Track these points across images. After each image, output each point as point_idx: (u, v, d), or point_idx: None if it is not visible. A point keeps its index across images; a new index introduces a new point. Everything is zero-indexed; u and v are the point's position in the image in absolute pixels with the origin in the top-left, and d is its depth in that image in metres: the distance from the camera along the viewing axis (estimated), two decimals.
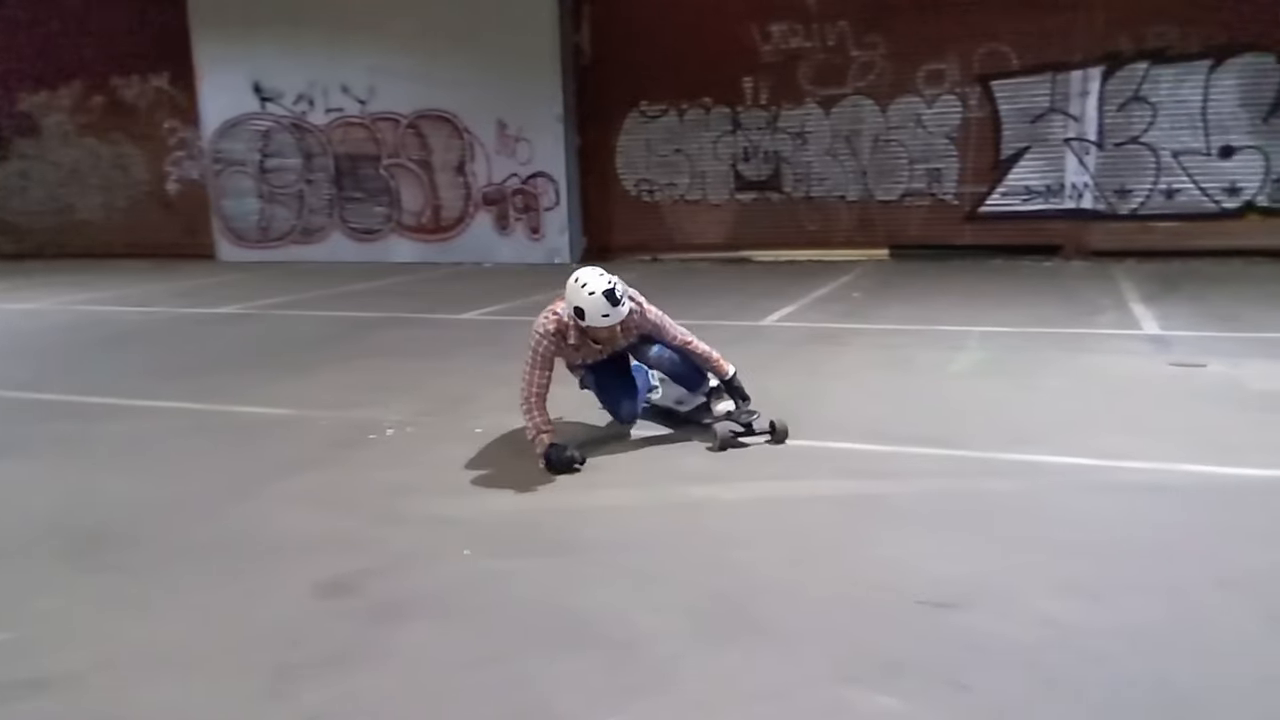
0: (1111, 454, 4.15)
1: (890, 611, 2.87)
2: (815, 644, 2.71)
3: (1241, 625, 2.70)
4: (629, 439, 4.70)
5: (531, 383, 4.27)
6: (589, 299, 4.10)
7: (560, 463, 4.16)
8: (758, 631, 2.80)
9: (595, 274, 4.16)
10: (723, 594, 3.02)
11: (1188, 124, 10.72)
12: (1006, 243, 11.37)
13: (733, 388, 4.55)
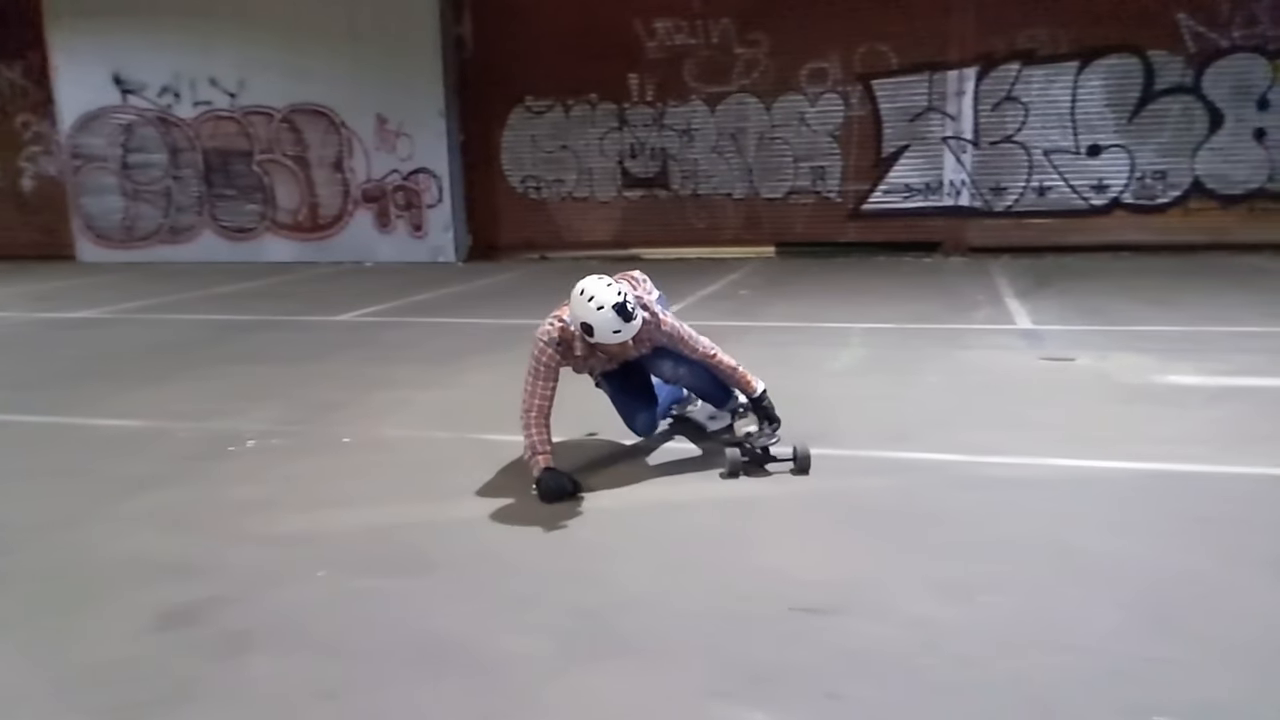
0: (985, 449, 4.18)
1: (763, 620, 2.78)
2: (685, 658, 2.60)
3: (1101, 618, 2.70)
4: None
5: (533, 395, 3.86)
6: (597, 315, 3.63)
7: (552, 491, 3.72)
8: (626, 648, 2.67)
9: (602, 285, 3.65)
10: (591, 609, 2.89)
11: (1058, 123, 11.12)
12: (889, 240, 11.60)
13: (760, 407, 4.08)
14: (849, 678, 2.46)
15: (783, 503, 3.70)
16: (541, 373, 3.88)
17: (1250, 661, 2.46)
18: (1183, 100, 10.75)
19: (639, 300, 3.83)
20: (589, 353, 3.89)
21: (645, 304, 3.87)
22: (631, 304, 3.67)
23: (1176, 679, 2.40)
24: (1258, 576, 2.92)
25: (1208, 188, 10.86)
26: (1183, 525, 3.32)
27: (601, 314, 3.62)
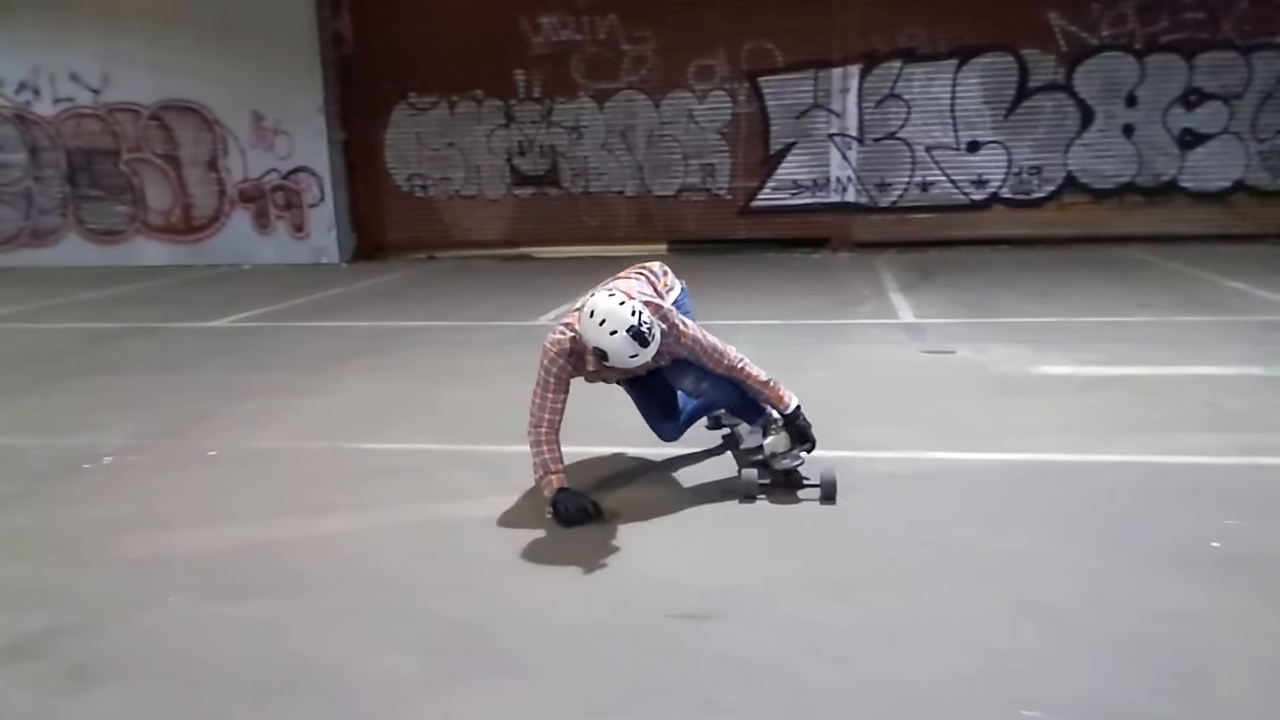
0: (869, 445, 4.19)
1: (642, 629, 2.71)
2: (561, 673, 2.50)
3: (979, 614, 2.71)
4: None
5: (543, 409, 3.53)
6: (611, 340, 3.26)
7: (572, 515, 3.41)
8: (499, 665, 2.55)
9: (614, 304, 3.26)
10: (462, 625, 2.76)
11: (938, 120, 11.38)
12: (779, 236, 11.70)
13: (793, 425, 3.68)
14: (728, 685, 2.40)
15: (661, 504, 3.62)
16: (552, 385, 3.53)
17: (1124, 652, 2.48)
18: (1055, 97, 11.14)
19: (657, 311, 3.41)
20: (602, 366, 3.48)
21: (664, 314, 3.45)
22: (648, 325, 3.27)
23: (1051, 672, 2.41)
24: (1131, 566, 2.97)
25: (1081, 182, 11.28)
26: (1057, 516, 3.37)
27: (615, 339, 3.25)
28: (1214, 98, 10.82)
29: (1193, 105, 10.89)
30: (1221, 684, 2.31)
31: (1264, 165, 10.91)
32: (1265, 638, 2.52)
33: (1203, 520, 3.24)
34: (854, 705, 2.31)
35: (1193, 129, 10.93)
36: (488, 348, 6.62)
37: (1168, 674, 2.37)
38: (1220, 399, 4.67)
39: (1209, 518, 3.26)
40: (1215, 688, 2.30)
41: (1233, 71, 10.73)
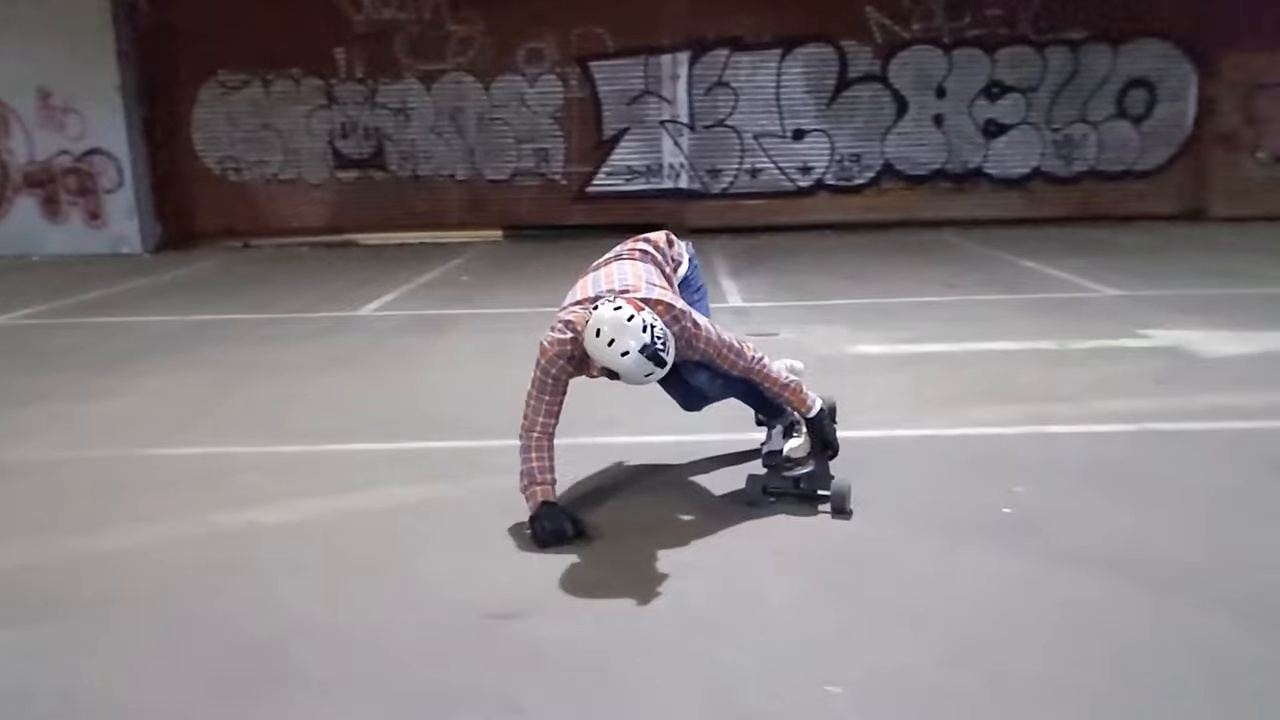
0: (684, 429, 4.15)
1: (451, 632, 2.58)
2: (362, 686, 2.34)
3: (784, 593, 2.73)
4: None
5: (536, 412, 3.19)
6: (623, 363, 2.91)
7: (550, 535, 3.08)
8: (295, 681, 2.37)
9: (622, 320, 2.89)
10: (253, 643, 2.55)
11: (765, 108, 11.64)
12: (614, 222, 11.61)
13: (815, 429, 3.38)
14: (537, 686, 2.31)
15: (476, 502, 3.49)
16: (550, 386, 3.17)
17: (920, 622, 2.54)
18: (872, 88, 11.58)
19: (668, 312, 3.05)
20: (614, 376, 3.08)
21: (676, 314, 3.08)
22: (663, 341, 2.92)
23: (853, 647, 2.43)
24: (929, 536, 3.06)
25: (897, 169, 11.79)
26: (865, 492, 3.43)
27: (628, 361, 2.91)
28: (1013, 90, 11.52)
29: (995, 97, 11.55)
30: (1013, 650, 2.39)
31: (1058, 153, 11.69)
32: (1053, 601, 2.63)
33: (995, 488, 3.38)
34: (665, 693, 2.27)
35: (995, 119, 11.61)
36: (302, 341, 6.27)
37: (962, 642, 2.44)
38: (1015, 372, 4.94)
39: (1001, 486, 3.40)
40: (1007, 654, 2.38)
41: (1029, 65, 11.44)
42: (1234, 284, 7.37)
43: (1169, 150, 11.65)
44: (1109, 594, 2.67)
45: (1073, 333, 5.74)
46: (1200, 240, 9.95)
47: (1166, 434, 3.97)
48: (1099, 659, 2.35)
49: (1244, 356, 5.13)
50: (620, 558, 2.99)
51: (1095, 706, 2.16)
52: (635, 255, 3.42)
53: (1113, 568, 2.81)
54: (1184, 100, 11.53)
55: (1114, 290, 7.19)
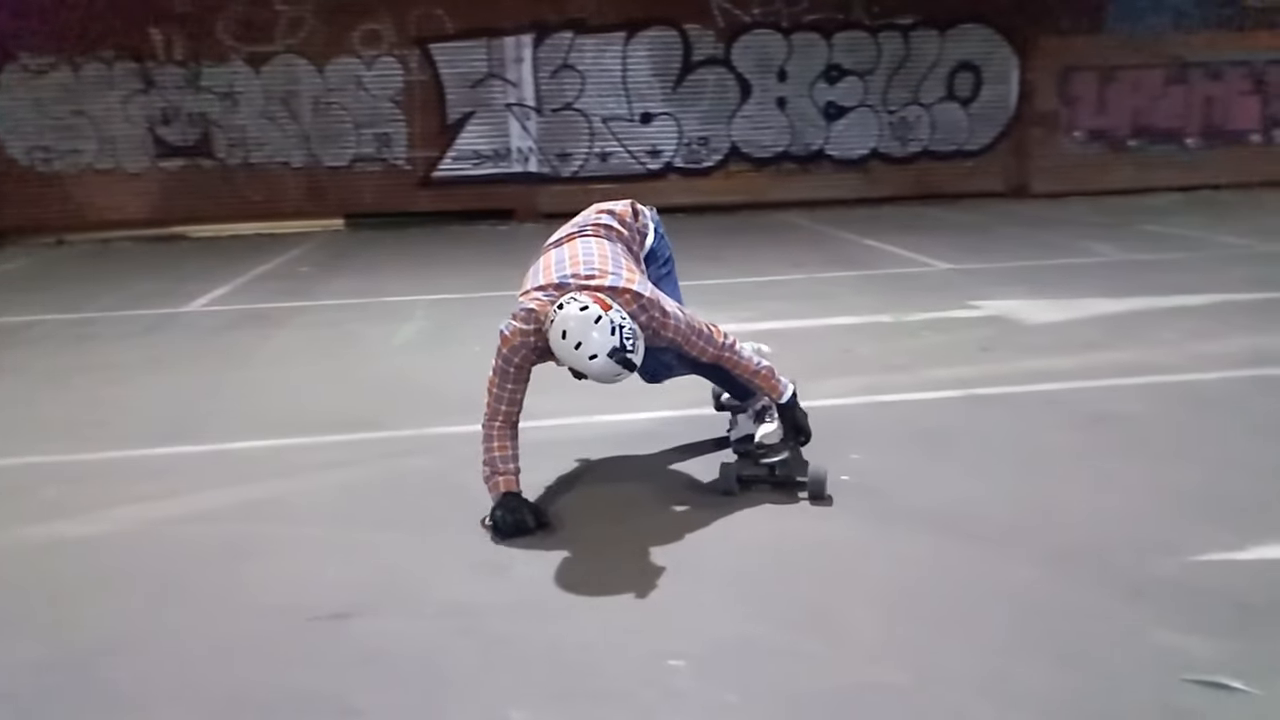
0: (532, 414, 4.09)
1: (279, 638, 2.43)
2: (182, 703, 2.17)
3: (629, 571, 2.70)
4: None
5: (499, 399, 3.04)
6: (590, 365, 2.78)
7: (510, 527, 2.94)
8: (108, 706, 2.17)
9: (588, 321, 2.74)
10: (58, 665, 2.33)
11: (612, 92, 11.61)
12: (463, 208, 11.44)
13: (789, 413, 3.25)
14: (370, 686, 2.20)
15: (308, 500, 3.33)
16: (512, 374, 3.02)
17: (760, 593, 2.56)
18: (717, 71, 11.72)
19: (635, 301, 2.91)
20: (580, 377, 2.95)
21: (644, 303, 2.93)
22: (632, 342, 2.78)
23: (693, 620, 2.43)
24: (773, 511, 3.09)
25: (743, 152, 11.99)
26: (700, 469, 3.45)
27: (596, 364, 2.77)
28: (851, 73, 11.87)
29: (833, 80, 11.88)
30: (852, 610, 2.44)
31: (894, 135, 12.14)
32: (889, 560, 2.70)
33: (834, 457, 3.44)
34: (501, 681, 2.20)
35: (835, 102, 11.95)
36: (120, 341, 5.84)
37: (803, 606, 2.46)
38: (854, 345, 5.09)
39: (841, 454, 3.47)
40: (846, 614, 2.42)
41: (864, 50, 11.82)
42: (1052, 256, 7.83)
43: (995, 131, 12.28)
44: (938, 550, 2.76)
45: (908, 306, 5.95)
46: (1024, 216, 10.53)
47: (990, 397, 4.15)
48: (929, 613, 2.42)
49: (1060, 323, 5.44)
50: (444, 548, 2.89)
51: (926, 658, 2.22)
52: (600, 232, 3.22)
53: (942, 526, 2.91)
54: (1007, 83, 12.17)
55: (946, 264, 7.51)
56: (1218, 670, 2.11)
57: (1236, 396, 4.07)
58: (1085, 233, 8.98)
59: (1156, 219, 9.78)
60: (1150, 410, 3.93)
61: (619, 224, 3.28)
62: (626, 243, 3.24)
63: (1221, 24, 12.31)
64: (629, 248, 3.24)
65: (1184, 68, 12.41)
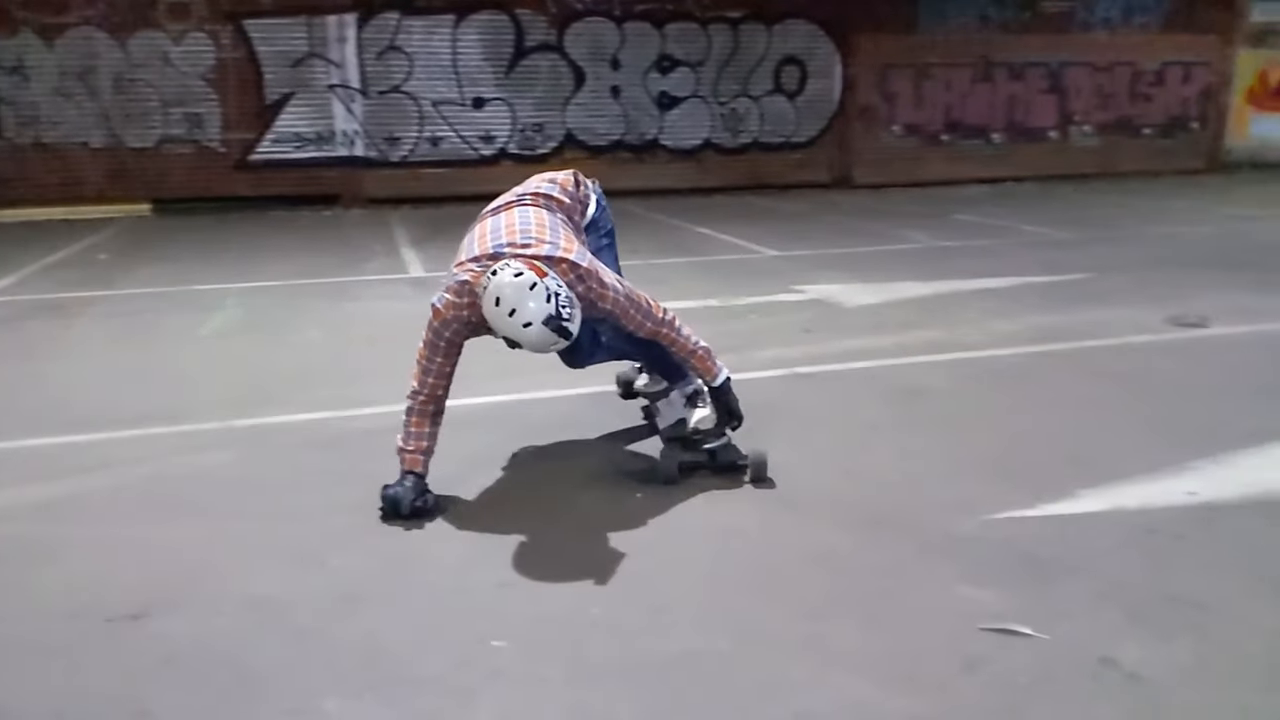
0: (355, 403, 3.96)
1: (73, 641, 2.25)
2: None
3: (450, 554, 2.64)
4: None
5: (426, 372, 2.93)
6: (525, 334, 2.64)
7: (387, 505, 2.86)
8: None
9: (523, 289, 2.61)
10: None
11: (442, 75, 11.33)
12: (285, 192, 10.91)
13: (723, 397, 3.13)
14: (166, 689, 2.06)
15: (105, 498, 3.09)
16: (442, 348, 2.90)
17: (586, 568, 2.55)
18: (550, 58, 11.64)
19: (572, 272, 2.80)
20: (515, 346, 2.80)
21: (581, 273, 2.83)
22: (568, 310, 2.67)
23: (519, 602, 2.39)
24: (600, 490, 3.10)
25: (579, 139, 11.96)
26: (535, 454, 3.41)
27: (530, 333, 2.64)
28: (683, 64, 12.05)
29: (666, 70, 12.02)
30: (675, 582, 2.46)
31: (726, 126, 12.41)
32: (713, 533, 2.74)
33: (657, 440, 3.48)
34: (312, 674, 2.10)
35: (668, 92, 12.09)
36: None
37: (626, 582, 2.47)
38: None
39: None
40: (669, 585, 2.44)
41: (695, 41, 12.02)
42: (871, 243, 8.21)
43: (820, 123, 12.74)
44: (760, 520, 2.83)
45: (736, 290, 6.09)
46: (847, 205, 10.98)
47: (811, 375, 4.30)
48: (750, 580, 2.48)
49: (876, 305, 5.70)
50: (253, 543, 2.74)
51: (746, 623, 2.27)
52: (539, 202, 3.11)
53: (763, 497, 2.99)
54: (830, 78, 12.64)
55: (774, 251, 7.74)
56: (1010, 618, 2.24)
57: (1028, 370, 4.37)
58: (902, 221, 9.44)
59: (966, 209, 10.40)
60: (954, 384, 4.16)
61: (560, 193, 3.20)
62: (568, 212, 3.16)
63: (1021, 27, 13.21)
64: (569, 217, 3.15)
65: (989, 67, 13.26)
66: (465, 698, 2.01)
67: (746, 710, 1.95)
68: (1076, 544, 2.63)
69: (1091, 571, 2.47)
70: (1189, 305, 5.46)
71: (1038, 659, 2.10)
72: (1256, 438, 3.38)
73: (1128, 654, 2.11)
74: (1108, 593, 2.37)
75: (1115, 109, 13.98)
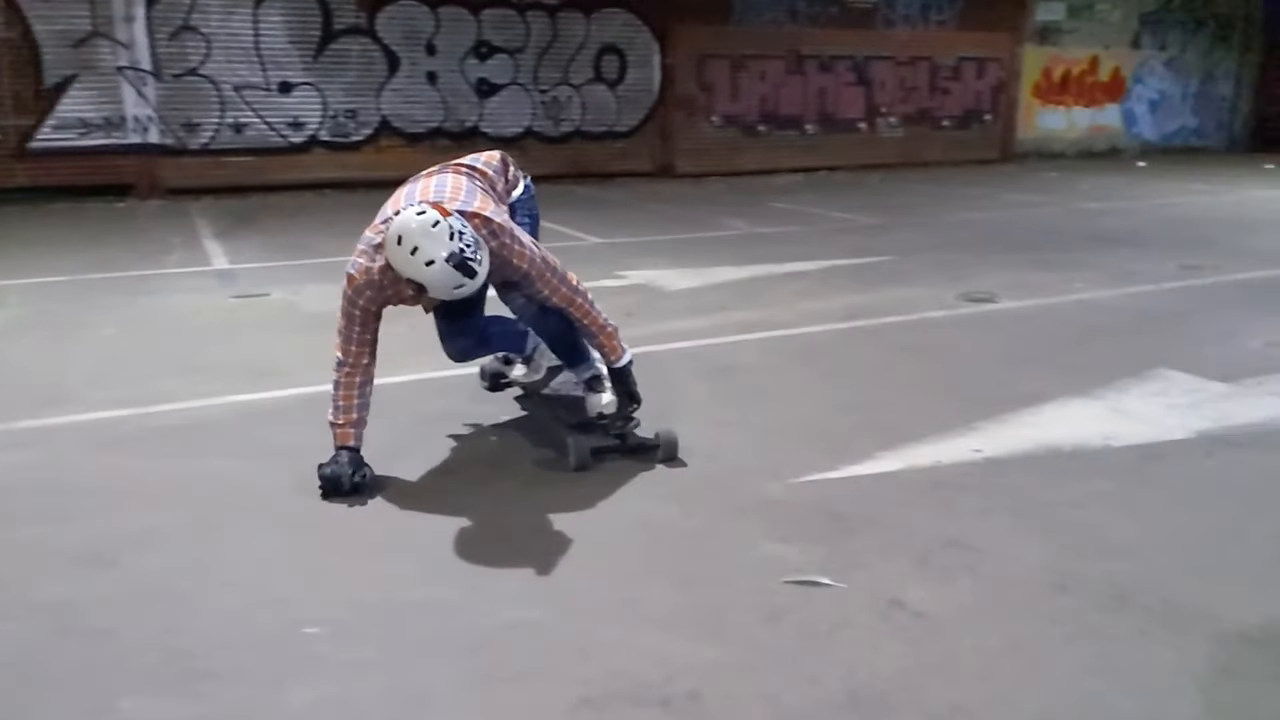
0: (154, 399, 3.75)
1: None
2: None
3: (261, 548, 2.54)
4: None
5: (348, 342, 2.90)
6: (428, 273, 2.62)
7: (327, 483, 2.83)
8: None
9: (426, 226, 2.60)
10: None
11: (244, 58, 10.75)
12: (70, 183, 10.07)
13: (622, 380, 3.13)
14: None
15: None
16: (358, 317, 2.88)
17: (400, 556, 2.52)
18: (361, 41, 11.25)
19: (484, 226, 2.78)
20: (418, 295, 2.77)
21: (494, 228, 2.80)
22: (472, 249, 2.64)
23: (334, 589, 2.34)
24: (404, 474, 3.05)
25: (395, 126, 11.63)
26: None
27: (433, 271, 2.62)
28: (501, 51, 11.93)
29: (484, 57, 11.88)
30: (491, 561, 2.47)
31: (547, 114, 12.39)
32: (524, 509, 2.76)
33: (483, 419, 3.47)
34: (104, 676, 1.99)
35: (487, 79, 11.95)
36: None
37: (442, 563, 2.46)
38: None
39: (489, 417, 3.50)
40: (486, 565, 2.45)
41: (513, 28, 11.92)
42: (692, 230, 8.43)
43: (641, 113, 12.91)
44: (580, 495, 2.88)
45: None
46: (668, 194, 11.21)
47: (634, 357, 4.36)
48: (568, 554, 2.52)
49: (696, 289, 5.87)
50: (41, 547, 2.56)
51: (563, 593, 2.31)
52: (461, 170, 3.07)
53: (586, 474, 3.04)
54: (649, 67, 12.83)
55: (598, 239, 7.82)
56: (811, 571, 2.38)
57: (835, 345, 4.63)
58: (721, 209, 9.74)
59: (781, 197, 10.83)
60: (767, 360, 4.35)
61: (484, 165, 3.18)
62: (490, 184, 3.11)
63: (829, 20, 13.85)
64: (492, 188, 3.11)
65: (800, 60, 13.82)
66: (276, 687, 1.96)
67: (558, 671, 1.99)
68: (872, 500, 2.82)
69: (884, 524, 2.66)
70: (979, 283, 5.92)
71: (836, 606, 2.24)
72: (1034, 399, 3.71)
73: (914, 595, 2.28)
74: (897, 542, 2.55)
75: (917, 102, 14.87)
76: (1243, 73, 17.91)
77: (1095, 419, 3.51)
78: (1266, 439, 3.33)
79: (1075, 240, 7.74)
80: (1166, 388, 3.86)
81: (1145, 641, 2.11)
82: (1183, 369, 4.08)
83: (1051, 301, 5.49)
